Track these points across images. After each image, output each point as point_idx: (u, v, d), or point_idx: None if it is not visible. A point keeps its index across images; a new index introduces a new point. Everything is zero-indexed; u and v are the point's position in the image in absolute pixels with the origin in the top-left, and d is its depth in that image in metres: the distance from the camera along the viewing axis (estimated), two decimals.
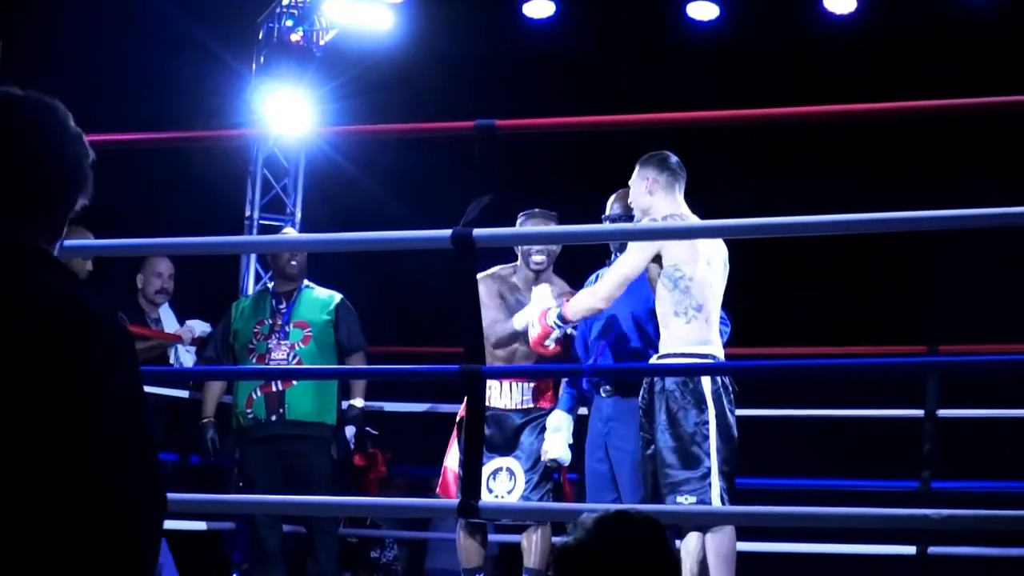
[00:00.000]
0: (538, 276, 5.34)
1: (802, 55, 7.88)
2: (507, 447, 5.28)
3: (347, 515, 6.68)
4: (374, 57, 7.58)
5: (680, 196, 4.77)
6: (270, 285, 6.24)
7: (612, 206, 5.22)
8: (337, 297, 6.02)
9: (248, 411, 5.85)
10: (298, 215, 7.62)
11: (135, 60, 7.71)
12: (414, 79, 7.98)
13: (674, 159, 4.80)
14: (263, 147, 7.61)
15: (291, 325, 5.93)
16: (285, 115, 7.31)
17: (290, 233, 6.74)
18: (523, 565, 5.29)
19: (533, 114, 4.51)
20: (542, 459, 5.22)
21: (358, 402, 6.00)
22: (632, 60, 8.16)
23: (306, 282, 6.05)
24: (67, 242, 4.32)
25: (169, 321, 6.50)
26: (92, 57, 7.67)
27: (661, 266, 4.66)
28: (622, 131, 5.99)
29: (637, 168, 4.81)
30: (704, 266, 4.65)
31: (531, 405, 5.33)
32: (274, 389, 5.82)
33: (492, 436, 5.23)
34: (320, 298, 6.01)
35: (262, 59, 7.47)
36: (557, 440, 5.19)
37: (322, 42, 7.49)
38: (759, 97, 4.60)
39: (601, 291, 4.75)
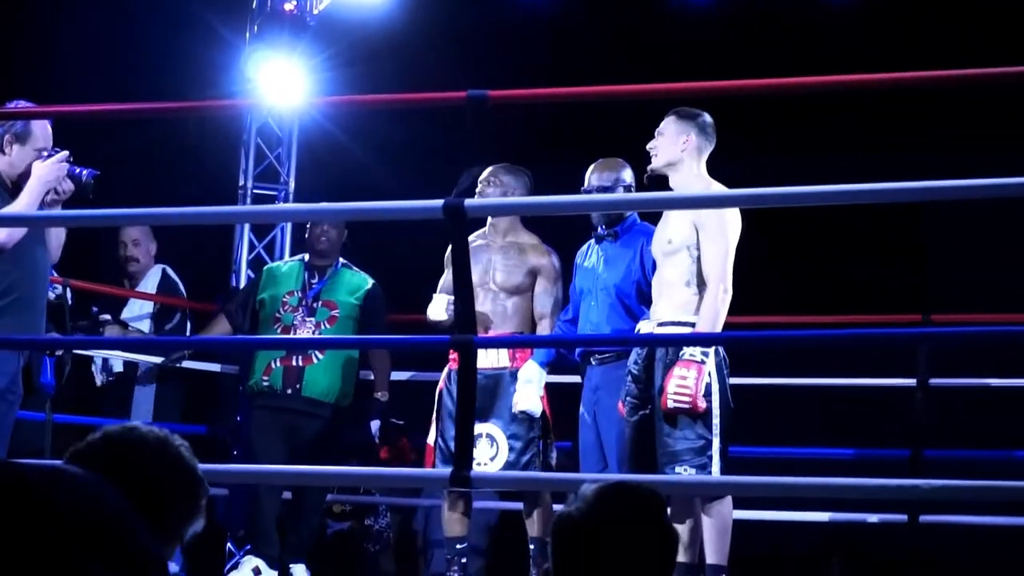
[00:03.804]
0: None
1: (800, 25, 7.87)
2: (484, 412, 5.06)
3: (340, 484, 6.69)
4: (368, 27, 7.55)
5: (704, 161, 4.71)
6: (306, 257, 6.06)
7: (590, 178, 5.19)
8: (369, 283, 5.93)
9: (264, 379, 5.79)
10: (291, 185, 7.60)
11: (128, 30, 7.68)
12: (408, 49, 7.96)
13: (710, 122, 4.72)
14: (256, 117, 7.58)
15: (319, 303, 5.84)
16: (278, 85, 7.28)
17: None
18: (528, 535, 5.28)
19: (526, 84, 4.50)
20: (513, 410, 5.12)
21: (382, 396, 5.87)
22: (626, 30, 8.14)
23: (342, 261, 5.98)
24: (56, 212, 4.35)
25: (149, 285, 6.47)
26: (85, 28, 7.65)
27: (697, 234, 4.59)
28: (615, 101, 6.00)
29: (675, 119, 4.70)
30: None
31: (507, 364, 5.18)
32: (294, 364, 5.76)
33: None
34: (353, 280, 5.92)
35: (255, 28, 7.43)
36: (528, 392, 5.10)
37: (316, 11, 7.46)
38: (755, 67, 4.58)
39: (721, 282, 4.52)
